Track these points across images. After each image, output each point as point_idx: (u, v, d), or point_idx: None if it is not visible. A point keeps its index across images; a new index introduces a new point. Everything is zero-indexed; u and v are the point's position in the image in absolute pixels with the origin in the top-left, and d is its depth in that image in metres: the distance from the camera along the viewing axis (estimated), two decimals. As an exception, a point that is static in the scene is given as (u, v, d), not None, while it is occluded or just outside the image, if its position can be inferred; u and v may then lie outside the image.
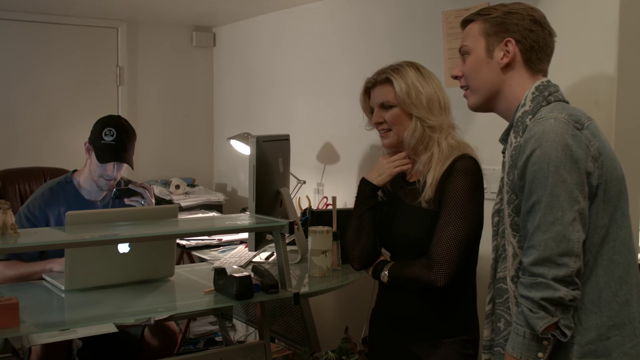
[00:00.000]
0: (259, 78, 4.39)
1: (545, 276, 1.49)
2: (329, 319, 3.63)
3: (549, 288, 1.49)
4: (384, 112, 2.16)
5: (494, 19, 1.72)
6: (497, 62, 1.71)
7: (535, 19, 1.70)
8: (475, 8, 2.72)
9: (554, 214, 1.49)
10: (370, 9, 3.39)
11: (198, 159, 4.87)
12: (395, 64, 2.18)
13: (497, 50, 1.71)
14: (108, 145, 2.83)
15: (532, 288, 1.51)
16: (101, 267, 2.32)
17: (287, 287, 2.27)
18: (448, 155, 2.07)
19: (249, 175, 2.58)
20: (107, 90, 4.47)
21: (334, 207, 2.74)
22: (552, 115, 1.55)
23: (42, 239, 2.07)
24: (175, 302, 2.34)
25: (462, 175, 2.03)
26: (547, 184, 1.49)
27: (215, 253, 3.09)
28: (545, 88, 1.68)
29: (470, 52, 1.76)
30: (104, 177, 2.86)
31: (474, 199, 2.03)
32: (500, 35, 1.71)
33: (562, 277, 1.49)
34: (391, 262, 2.17)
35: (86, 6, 4.05)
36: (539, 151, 1.51)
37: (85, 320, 2.08)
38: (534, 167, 1.52)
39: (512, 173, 1.60)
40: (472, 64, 1.76)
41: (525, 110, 1.65)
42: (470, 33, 1.76)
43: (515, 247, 1.61)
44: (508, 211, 1.62)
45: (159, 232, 2.21)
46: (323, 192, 3.73)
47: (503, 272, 1.66)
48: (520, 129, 1.62)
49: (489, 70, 1.73)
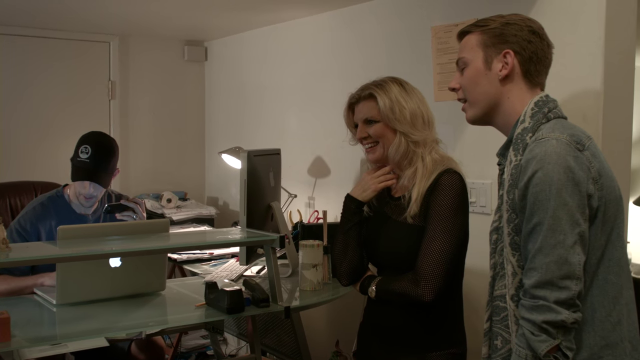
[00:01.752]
0: (250, 92, 4.42)
1: (547, 299, 1.48)
2: (320, 333, 3.63)
3: (551, 311, 1.48)
4: (368, 127, 2.19)
5: (492, 30, 1.69)
6: (495, 74, 1.68)
7: (533, 30, 1.68)
8: (464, 23, 2.77)
9: (556, 237, 1.48)
10: (361, 24, 3.43)
11: (189, 173, 4.88)
12: (379, 79, 2.21)
13: (495, 61, 1.68)
14: (82, 162, 2.82)
15: (533, 311, 1.50)
16: (92, 282, 2.32)
17: (278, 301, 2.28)
18: (432, 170, 2.09)
19: (240, 189, 2.60)
20: (99, 104, 4.48)
21: (324, 221, 2.76)
22: (554, 136, 1.53)
23: (34, 253, 2.07)
24: (167, 316, 2.34)
25: (447, 190, 2.05)
26: (548, 207, 1.48)
27: (206, 267, 3.10)
28: (544, 104, 1.65)
29: (468, 64, 1.73)
30: (81, 194, 2.86)
31: (459, 214, 2.05)
32: (499, 46, 1.68)
33: (564, 299, 1.48)
34: (378, 277, 2.19)
35: (78, 21, 4.07)
36: (541, 173, 1.50)
37: (77, 335, 2.08)
38: (536, 189, 1.50)
39: (513, 192, 1.58)
40: (470, 75, 1.73)
41: (524, 127, 1.62)
42: (467, 45, 1.74)
43: (515, 266, 1.59)
44: (508, 230, 1.60)
45: (150, 246, 2.22)
46: (314, 206, 3.74)
47: (501, 290, 1.65)
48: (521, 147, 1.60)
49: (487, 83, 1.70)
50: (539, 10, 2.48)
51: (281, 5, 3.58)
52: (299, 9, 3.64)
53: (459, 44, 1.78)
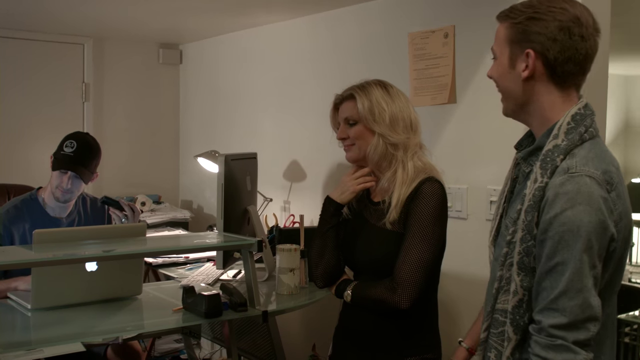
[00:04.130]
0: (225, 95, 4.41)
1: (566, 339, 1.44)
2: (296, 336, 3.64)
3: (569, 351, 1.44)
4: (349, 128, 2.20)
5: (516, 26, 1.55)
6: (518, 74, 1.56)
7: (562, 25, 1.51)
8: (441, 30, 2.81)
9: (582, 281, 1.43)
10: (339, 29, 3.44)
11: (163, 176, 4.86)
12: (363, 81, 2.22)
13: (519, 60, 1.56)
14: (66, 155, 2.83)
15: (550, 349, 1.45)
16: (68, 286, 2.30)
17: (256, 305, 2.28)
18: (414, 177, 2.10)
19: (218, 193, 2.59)
20: (72, 106, 4.45)
21: (301, 225, 2.76)
22: (588, 172, 1.45)
23: (10, 258, 2.05)
24: (144, 321, 2.33)
25: (428, 199, 2.06)
26: (575, 249, 1.42)
27: (182, 271, 3.08)
28: (582, 119, 1.53)
29: (496, 57, 1.63)
30: (59, 187, 2.84)
31: (438, 223, 2.07)
32: (522, 44, 1.54)
33: (582, 340, 1.44)
34: (354, 282, 2.20)
35: (52, 22, 4.03)
36: (571, 212, 1.43)
37: (53, 340, 2.05)
38: (563, 227, 1.43)
39: (532, 214, 1.50)
40: (497, 70, 1.63)
41: (557, 144, 1.51)
42: (498, 36, 1.62)
43: (518, 285, 1.54)
44: (519, 249, 1.53)
45: (128, 250, 2.21)
46: (289, 210, 3.75)
47: (503, 304, 1.60)
48: (549, 167, 1.49)
49: (511, 81, 1.59)
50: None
51: (258, 9, 3.59)
52: (276, 12, 3.65)
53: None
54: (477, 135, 2.72)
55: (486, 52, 2.64)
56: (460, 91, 2.76)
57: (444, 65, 2.79)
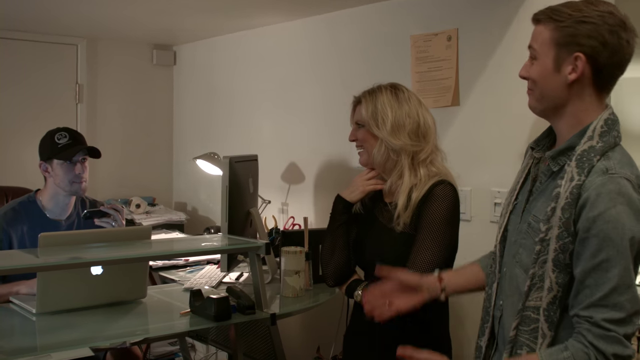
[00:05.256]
0: (220, 97, 4.39)
1: (618, 332, 1.47)
2: (297, 338, 3.63)
3: (621, 344, 1.47)
4: (358, 130, 2.23)
5: (565, 29, 1.54)
6: (564, 77, 1.56)
7: (611, 29, 1.52)
8: (444, 33, 2.81)
9: (630, 277, 1.48)
10: (338, 31, 3.44)
11: (157, 178, 4.82)
12: (375, 85, 2.23)
13: (565, 64, 1.55)
14: (67, 144, 2.81)
15: (602, 340, 1.48)
16: (73, 290, 2.27)
17: (264, 307, 2.27)
18: (426, 181, 2.11)
19: (222, 196, 2.58)
20: (66, 107, 4.40)
21: (305, 228, 2.76)
22: (625, 175, 1.50)
23: (16, 262, 2.02)
24: (153, 325, 2.31)
25: (440, 201, 2.08)
26: (622, 246, 1.46)
27: (182, 274, 3.06)
28: (613, 124, 1.57)
29: (538, 58, 1.61)
30: (75, 180, 2.81)
31: (450, 225, 2.09)
32: (571, 47, 1.54)
33: (630, 334, 1.49)
34: (365, 282, 2.20)
35: (45, 22, 3.99)
36: (614, 211, 1.47)
37: (60, 345, 2.02)
38: (608, 225, 1.46)
39: (570, 212, 1.52)
40: (538, 71, 1.61)
41: (592, 145, 1.53)
42: (539, 37, 1.60)
43: (553, 282, 1.56)
44: (555, 246, 1.55)
45: (136, 254, 2.19)
46: (288, 212, 3.74)
47: (535, 301, 1.61)
48: (586, 167, 1.52)
49: (554, 84, 1.58)
50: (522, 19, 2.53)
51: (254, 11, 3.57)
52: (274, 14, 3.64)
53: (534, 28, 1.65)
54: (480, 137, 2.73)
55: (490, 55, 2.67)
56: (463, 94, 2.77)
57: (447, 68, 2.80)
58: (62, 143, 2.81)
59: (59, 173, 2.81)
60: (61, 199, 2.86)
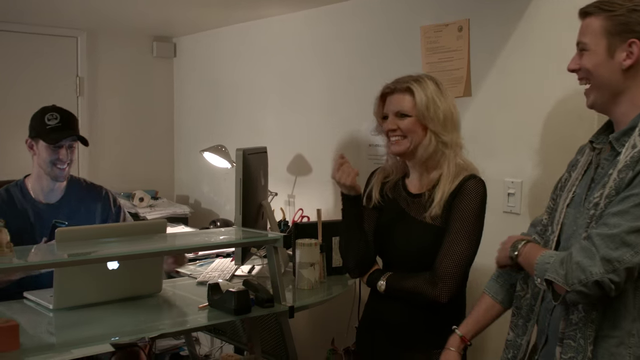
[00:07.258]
0: (222, 89, 4.37)
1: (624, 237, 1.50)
2: (305, 331, 3.62)
3: (629, 247, 1.49)
4: (399, 120, 2.16)
5: (617, 18, 1.62)
6: (618, 63, 1.63)
7: None
8: (455, 24, 2.81)
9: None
10: (344, 22, 3.42)
11: (158, 171, 4.80)
12: (415, 74, 2.20)
13: (619, 51, 1.63)
14: (55, 127, 2.70)
15: (608, 238, 1.51)
16: (90, 285, 2.26)
17: (282, 300, 2.27)
18: (457, 174, 2.12)
19: (236, 188, 2.57)
20: (66, 100, 4.30)
21: (319, 219, 2.76)
22: None
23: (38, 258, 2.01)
24: (173, 319, 2.30)
25: (472, 196, 2.10)
26: None
27: (192, 267, 3.05)
28: None
29: (589, 49, 1.67)
30: (57, 164, 2.71)
31: (480, 220, 2.12)
32: (624, 35, 1.62)
33: (616, 257, 1.50)
34: (388, 273, 2.20)
35: (45, 14, 3.95)
36: None
37: (80, 341, 2.00)
38: None
39: (626, 172, 1.56)
40: (591, 62, 1.67)
41: None
42: (589, 29, 1.67)
43: None
44: (602, 205, 1.59)
45: (155, 248, 2.18)
46: (294, 204, 3.73)
47: None
48: None
49: (609, 71, 1.65)
50: (534, 10, 2.52)
51: (258, 2, 3.54)
52: (277, 6, 3.61)
53: (580, 23, 1.71)
54: (493, 128, 2.73)
55: (502, 45, 2.66)
56: (475, 84, 2.77)
57: (459, 59, 2.79)
58: (51, 125, 2.71)
59: (42, 154, 2.72)
60: (45, 182, 2.77)
